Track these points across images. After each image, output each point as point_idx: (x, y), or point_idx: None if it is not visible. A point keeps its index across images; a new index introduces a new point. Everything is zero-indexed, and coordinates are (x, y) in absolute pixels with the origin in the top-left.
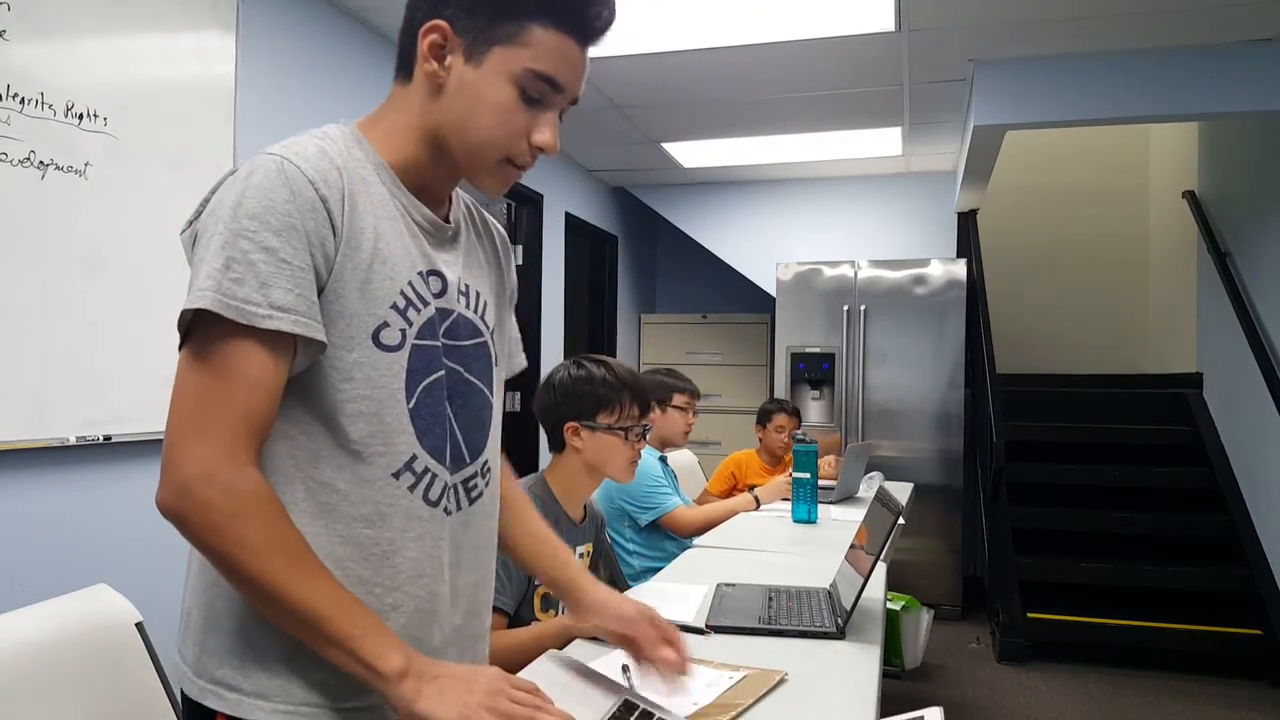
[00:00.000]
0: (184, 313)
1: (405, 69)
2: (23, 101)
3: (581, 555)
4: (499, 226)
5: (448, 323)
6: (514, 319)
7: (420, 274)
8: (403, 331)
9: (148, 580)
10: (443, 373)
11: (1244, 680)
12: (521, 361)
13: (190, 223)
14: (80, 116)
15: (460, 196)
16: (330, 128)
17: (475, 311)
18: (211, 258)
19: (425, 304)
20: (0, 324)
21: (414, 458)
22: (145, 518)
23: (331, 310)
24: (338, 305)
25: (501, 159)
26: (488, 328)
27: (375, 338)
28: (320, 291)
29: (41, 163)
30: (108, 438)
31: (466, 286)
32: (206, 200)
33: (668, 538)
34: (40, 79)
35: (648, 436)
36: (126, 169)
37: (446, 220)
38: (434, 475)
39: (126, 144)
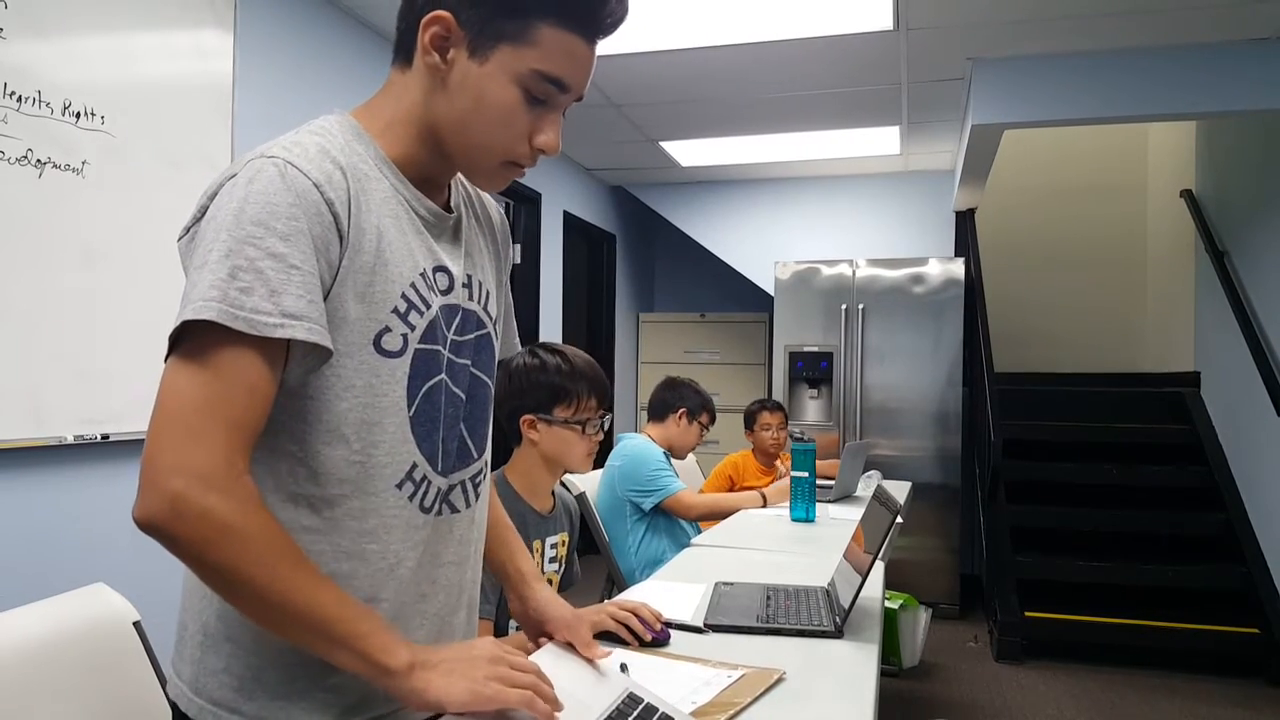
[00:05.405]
0: (184, 323)
1: (405, 55)
2: (20, 100)
3: (554, 545)
4: (496, 206)
5: (456, 320)
6: (510, 299)
7: (423, 273)
8: (404, 337)
9: (145, 579)
10: (442, 377)
11: (1241, 678)
12: (518, 344)
13: (189, 229)
14: (78, 115)
15: (459, 179)
16: (327, 121)
17: (479, 303)
18: (215, 266)
19: (428, 306)
20: None
21: (414, 466)
22: None
23: (335, 317)
24: (340, 311)
25: (502, 161)
26: (490, 318)
27: (377, 343)
28: (324, 298)
29: (39, 161)
30: (105, 436)
31: (469, 278)
32: (205, 206)
33: (669, 534)
34: (38, 77)
35: (607, 426)
36: (124, 167)
37: (449, 209)
38: (429, 482)
39: (124, 142)
